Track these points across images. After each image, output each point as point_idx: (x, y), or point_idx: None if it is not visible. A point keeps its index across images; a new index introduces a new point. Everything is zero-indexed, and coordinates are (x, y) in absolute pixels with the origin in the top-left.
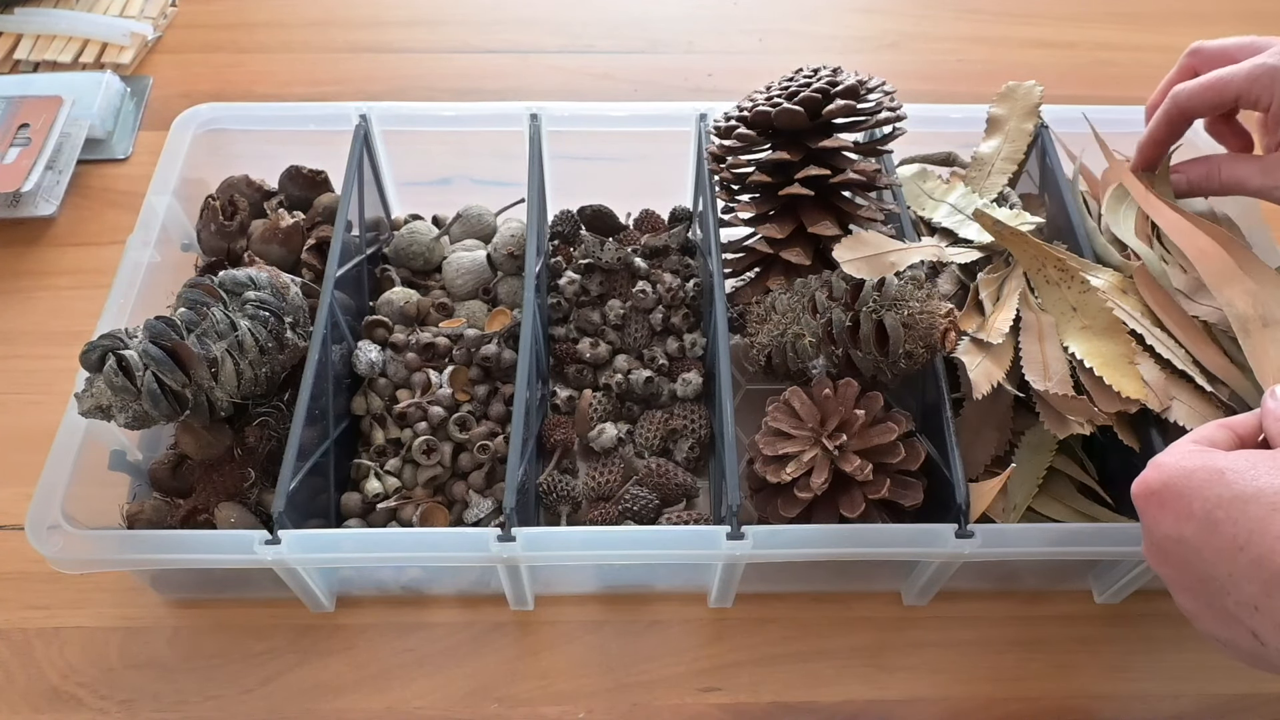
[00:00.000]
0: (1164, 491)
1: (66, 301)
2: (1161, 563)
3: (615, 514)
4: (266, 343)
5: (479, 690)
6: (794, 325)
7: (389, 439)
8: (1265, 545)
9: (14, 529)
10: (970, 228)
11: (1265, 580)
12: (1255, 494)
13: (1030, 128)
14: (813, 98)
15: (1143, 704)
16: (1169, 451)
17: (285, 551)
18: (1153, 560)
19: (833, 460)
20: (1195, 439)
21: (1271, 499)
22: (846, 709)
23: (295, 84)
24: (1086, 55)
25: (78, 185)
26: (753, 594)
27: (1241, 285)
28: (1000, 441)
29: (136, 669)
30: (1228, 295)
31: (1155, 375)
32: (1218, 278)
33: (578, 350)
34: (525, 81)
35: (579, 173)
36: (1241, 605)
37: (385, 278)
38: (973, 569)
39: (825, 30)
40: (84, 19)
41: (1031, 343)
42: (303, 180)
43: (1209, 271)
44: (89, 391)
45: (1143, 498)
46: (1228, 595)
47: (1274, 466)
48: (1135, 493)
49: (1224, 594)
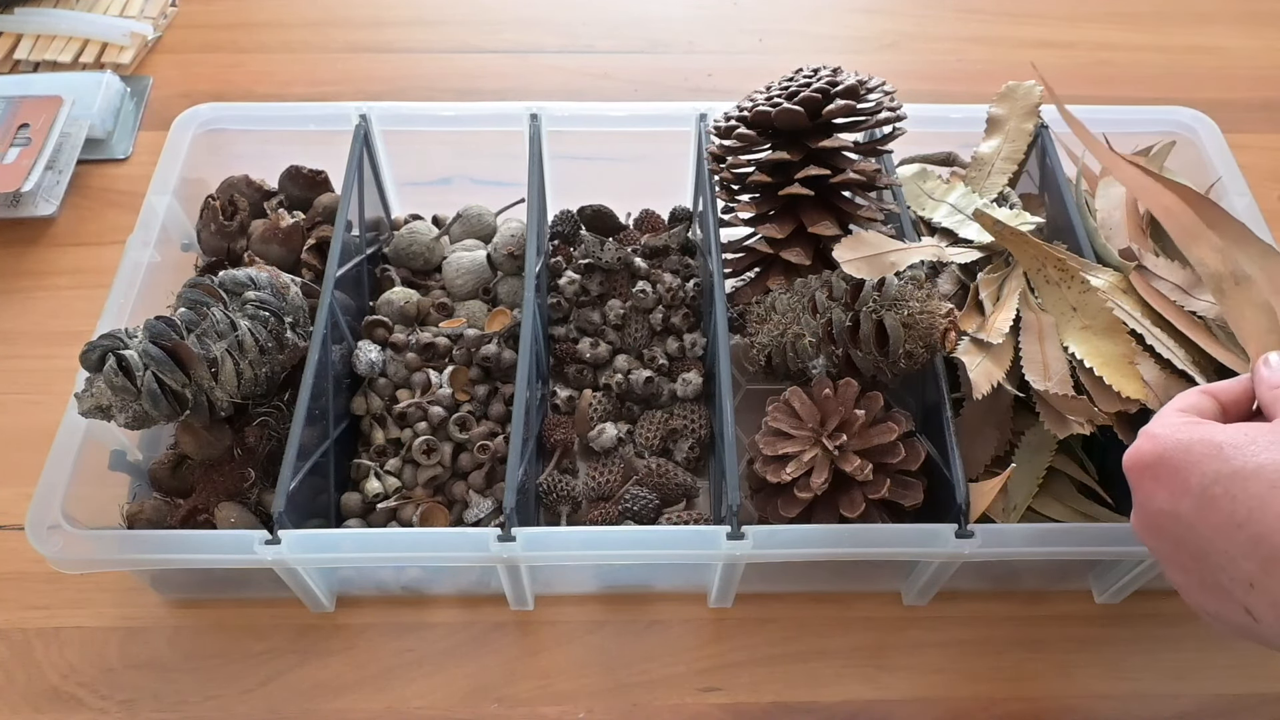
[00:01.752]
0: (1159, 465)
1: (66, 301)
2: (1153, 536)
3: (615, 514)
4: (266, 343)
5: (479, 690)
6: (794, 325)
7: (389, 439)
8: (1265, 523)
9: (14, 529)
10: (970, 228)
11: (1263, 558)
12: (1255, 470)
13: (1030, 128)
14: (813, 98)
15: (1143, 704)
16: (1159, 421)
17: (285, 551)
18: (1143, 534)
19: (833, 460)
20: (1181, 407)
21: (1271, 476)
22: (846, 709)
23: (295, 84)
24: (1086, 55)
25: (78, 185)
26: (753, 594)
27: (1209, 242)
28: (1000, 441)
29: (136, 669)
30: (1198, 254)
31: (1155, 375)
32: (1186, 235)
33: (578, 350)
34: (525, 81)
35: (579, 173)
36: (1236, 582)
37: (385, 278)
38: (973, 569)
39: (825, 30)
40: (84, 19)
41: (1031, 343)
42: (303, 180)
43: (1176, 229)
44: (89, 391)
45: (1136, 470)
46: (1222, 571)
47: (1273, 441)
48: (1128, 465)
49: (1219, 570)
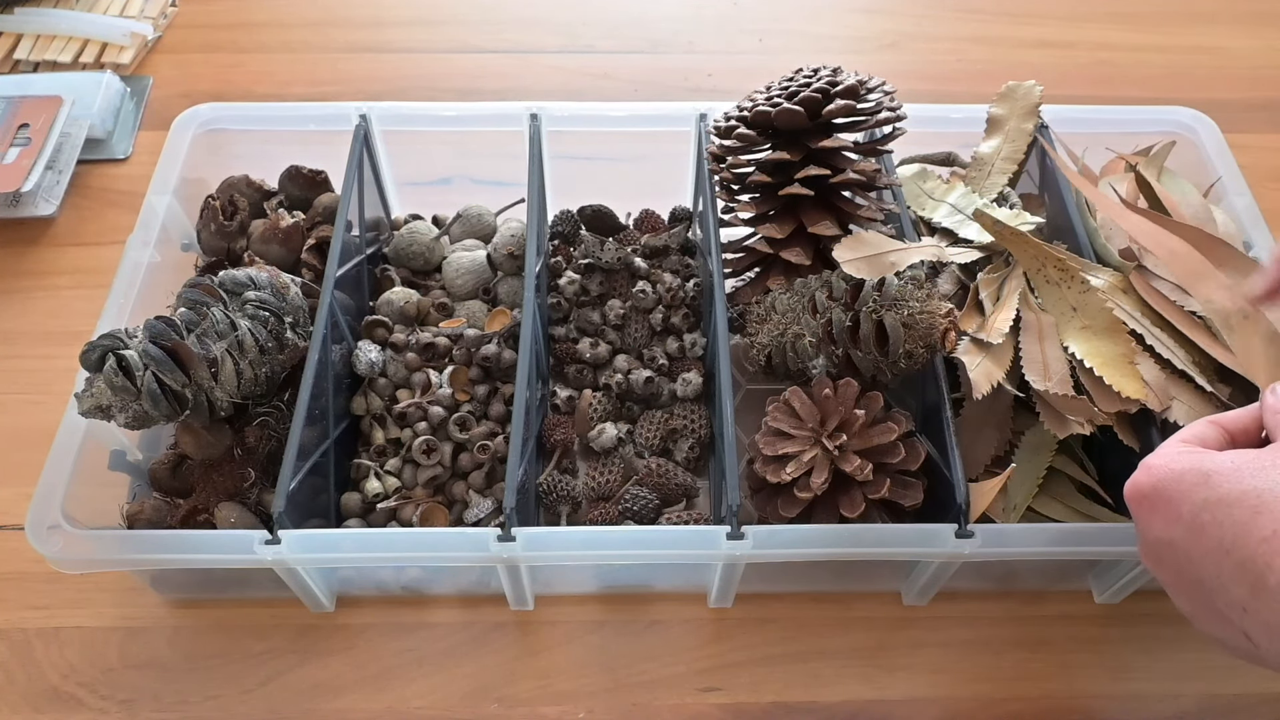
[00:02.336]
0: (1154, 495)
1: (66, 301)
2: (1155, 564)
3: (615, 514)
4: (266, 343)
5: (479, 690)
6: (794, 325)
7: (389, 439)
8: (1249, 549)
9: (14, 529)
10: (970, 228)
11: (1251, 583)
12: (1239, 496)
13: (1030, 128)
14: (813, 98)
15: (1143, 704)
16: (1159, 453)
17: (285, 551)
18: (1147, 561)
19: (833, 460)
20: (1184, 438)
21: (1254, 501)
22: (846, 709)
23: (295, 84)
24: (1086, 55)
25: (78, 185)
26: (753, 594)
27: (1216, 280)
28: (1000, 441)
29: (136, 669)
30: (1205, 293)
31: (1155, 375)
32: (1193, 277)
33: (578, 350)
34: (525, 81)
35: (579, 173)
36: (1231, 607)
37: (385, 278)
38: (973, 569)
39: (825, 30)
40: (84, 19)
41: (1031, 343)
42: (303, 180)
43: (1183, 272)
44: (89, 391)
45: (1134, 501)
46: (1217, 597)
47: (1259, 468)
48: (1127, 495)
49: (1214, 596)
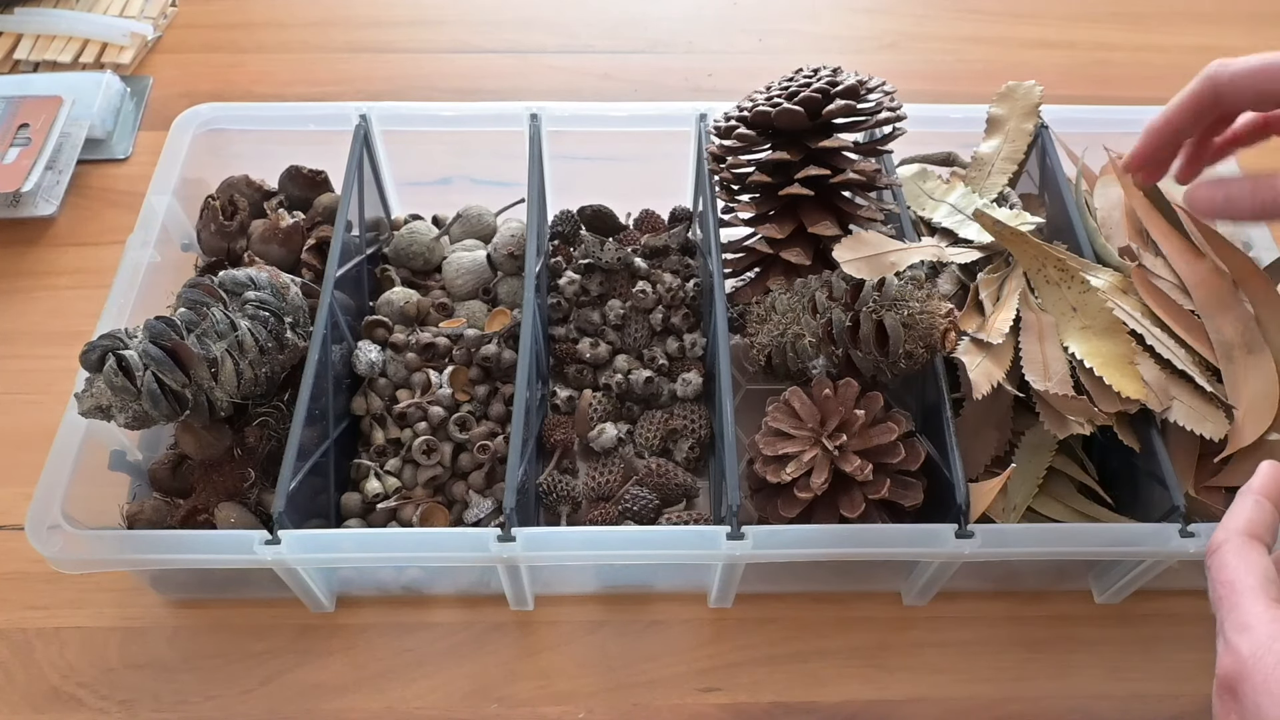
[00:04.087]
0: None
1: (66, 301)
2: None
3: (615, 514)
4: (266, 343)
5: (479, 690)
6: (794, 325)
7: (389, 439)
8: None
9: (14, 529)
10: (970, 228)
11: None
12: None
13: (1030, 128)
14: (813, 98)
15: (1143, 704)
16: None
17: (285, 551)
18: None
19: (833, 460)
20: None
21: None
22: (846, 709)
23: (295, 84)
24: (1086, 55)
25: (78, 185)
26: (753, 594)
27: (1233, 313)
28: (1000, 441)
29: (136, 669)
30: (1217, 323)
31: (1155, 375)
32: (1212, 306)
33: (578, 350)
34: (525, 81)
35: (579, 173)
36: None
37: (385, 278)
38: (973, 569)
39: (825, 30)
40: (84, 19)
41: (1031, 343)
42: (303, 180)
43: (1203, 300)
44: (89, 391)
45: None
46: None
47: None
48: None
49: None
